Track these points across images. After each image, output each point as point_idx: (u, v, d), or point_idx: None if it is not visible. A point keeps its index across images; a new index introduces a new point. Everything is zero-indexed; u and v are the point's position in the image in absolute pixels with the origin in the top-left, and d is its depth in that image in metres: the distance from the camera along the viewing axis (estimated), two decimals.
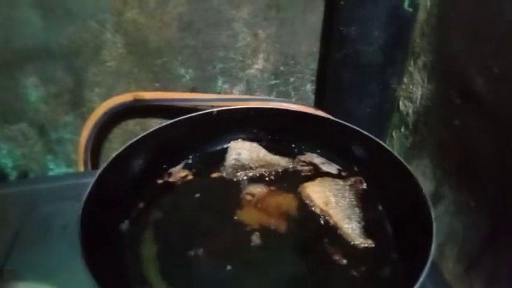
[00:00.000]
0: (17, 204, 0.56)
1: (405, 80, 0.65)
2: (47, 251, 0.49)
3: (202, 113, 0.57)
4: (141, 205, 0.50)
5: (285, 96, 0.74)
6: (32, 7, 0.58)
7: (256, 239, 0.46)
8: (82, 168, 0.67)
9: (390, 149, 0.52)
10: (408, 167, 0.48)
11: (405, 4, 0.55)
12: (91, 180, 0.45)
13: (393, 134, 0.71)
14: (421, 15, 0.59)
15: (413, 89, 0.64)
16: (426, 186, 0.62)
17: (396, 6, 0.55)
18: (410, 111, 0.65)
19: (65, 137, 0.72)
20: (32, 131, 0.70)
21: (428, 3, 0.57)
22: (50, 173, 0.75)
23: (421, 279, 0.34)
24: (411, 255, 0.41)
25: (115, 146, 0.74)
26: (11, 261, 0.48)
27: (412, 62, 0.63)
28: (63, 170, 0.75)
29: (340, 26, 0.58)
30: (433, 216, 0.41)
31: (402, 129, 0.68)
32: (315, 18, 0.66)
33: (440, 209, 0.60)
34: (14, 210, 0.55)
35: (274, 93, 0.73)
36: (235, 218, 0.48)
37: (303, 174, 0.55)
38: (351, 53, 0.59)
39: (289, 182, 0.53)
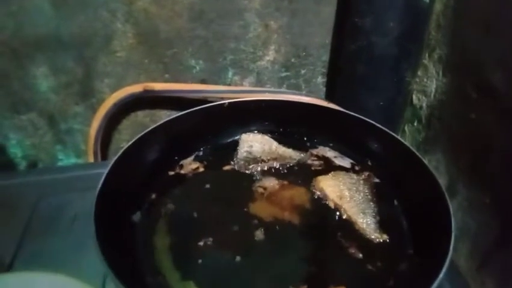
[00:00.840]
0: (26, 195, 0.56)
1: (419, 73, 0.64)
2: (56, 242, 0.49)
3: (213, 105, 0.56)
4: (153, 197, 0.49)
5: (296, 88, 0.73)
6: None
7: (268, 232, 0.45)
8: (91, 159, 0.67)
9: (405, 142, 0.51)
10: (424, 160, 0.47)
11: None
12: (101, 171, 0.44)
13: (406, 128, 0.70)
14: (437, 7, 0.58)
15: (428, 83, 0.63)
16: (440, 181, 0.61)
17: None
18: (424, 105, 0.64)
19: (74, 127, 0.71)
20: (41, 121, 0.69)
21: None
22: (59, 164, 0.75)
23: (440, 275, 0.33)
24: (428, 251, 0.40)
25: (125, 137, 0.73)
26: (20, 252, 0.48)
27: (427, 54, 0.62)
28: (72, 160, 0.75)
29: (354, 17, 0.57)
30: (451, 211, 0.40)
31: (415, 123, 0.67)
32: (328, 9, 0.65)
33: (453, 204, 0.58)
34: (23, 201, 0.55)
35: (284, 85, 0.73)
36: (248, 210, 0.48)
37: (315, 167, 0.54)
38: (365, 45, 0.58)
39: (301, 175, 0.53)
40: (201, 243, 0.44)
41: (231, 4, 0.62)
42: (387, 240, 0.44)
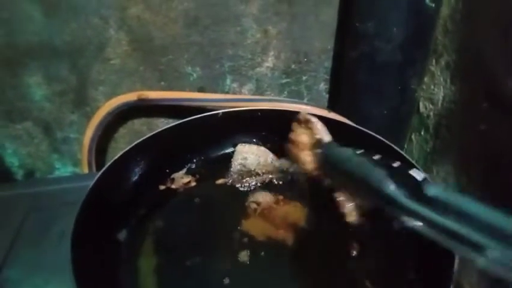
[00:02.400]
0: (18, 206, 0.54)
1: (426, 80, 0.60)
2: (43, 257, 0.47)
3: (206, 115, 0.54)
4: (142, 212, 0.47)
5: (297, 95, 0.70)
6: (33, 3, 0.56)
7: (260, 252, 0.43)
8: (86, 169, 0.66)
9: (405, 155, 0.48)
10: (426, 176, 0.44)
11: None
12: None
13: (413, 137, 0.66)
14: (444, 11, 0.54)
15: (435, 90, 0.59)
16: None
17: (417, 1, 0.50)
18: (431, 113, 0.61)
19: (70, 136, 0.70)
20: (37, 130, 0.68)
21: None
22: (57, 172, 0.74)
23: None
24: (430, 276, 0.37)
25: (121, 145, 0.72)
26: (7, 266, 0.46)
27: (434, 61, 0.58)
28: (69, 169, 0.74)
29: (356, 21, 0.54)
30: None
31: (422, 133, 0.64)
32: (329, 13, 0.62)
33: None
34: (15, 212, 0.54)
35: (285, 92, 0.70)
36: (239, 228, 0.46)
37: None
38: (368, 51, 0.55)
39: (298, 190, 0.50)
40: (188, 263, 0.41)
41: (227, 10, 0.60)
42: (389, 265, 0.41)
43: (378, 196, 0.35)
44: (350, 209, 0.42)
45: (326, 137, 0.45)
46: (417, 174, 0.34)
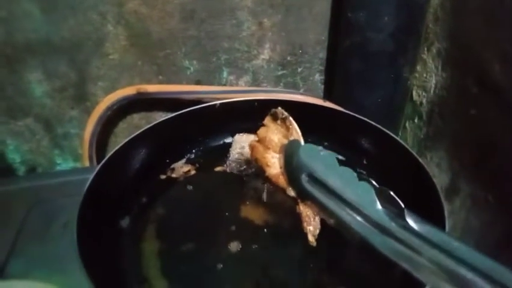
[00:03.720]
0: (21, 200, 0.55)
1: (418, 68, 0.62)
2: (47, 249, 0.48)
3: (204, 106, 0.55)
4: (143, 201, 0.49)
5: (293, 87, 0.72)
6: (31, 1, 0.57)
7: (260, 236, 0.44)
8: (87, 163, 0.67)
9: (401, 141, 0.49)
10: (422, 161, 0.45)
11: None
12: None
13: (407, 124, 0.68)
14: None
15: (427, 78, 0.60)
16: (442, 178, 0.59)
17: None
18: (424, 101, 0.62)
19: (71, 131, 0.71)
20: (38, 126, 0.69)
21: None
22: (58, 168, 0.75)
23: None
24: None
25: (121, 139, 0.71)
26: (13, 259, 0.48)
27: (425, 49, 0.60)
28: (70, 164, 0.75)
29: (348, 11, 0.55)
30: (446, 216, 0.38)
31: (416, 120, 0.65)
32: (323, 5, 0.63)
33: (456, 203, 0.57)
34: (18, 206, 0.54)
35: (281, 84, 0.71)
36: (240, 214, 0.47)
37: None
38: (360, 40, 0.56)
39: None
40: (189, 249, 0.43)
41: (223, 3, 0.61)
42: None
43: (361, 212, 0.35)
44: (313, 227, 0.41)
45: (301, 140, 0.44)
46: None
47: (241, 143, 0.54)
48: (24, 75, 0.64)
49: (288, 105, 0.57)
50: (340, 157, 0.53)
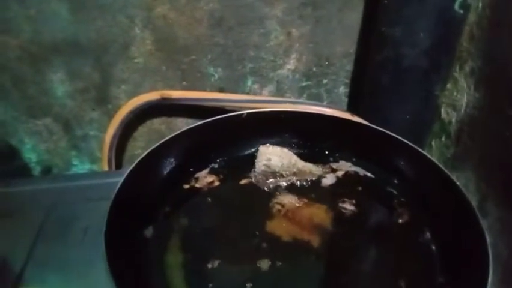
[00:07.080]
0: (38, 203, 0.54)
1: (448, 86, 0.60)
2: (67, 254, 0.47)
3: (231, 115, 0.54)
4: (166, 211, 0.47)
5: (317, 98, 0.70)
6: (61, 1, 0.57)
7: (285, 254, 0.42)
8: (105, 166, 0.66)
9: (434, 160, 0.48)
10: (457, 182, 0.44)
11: (456, 5, 0.51)
12: (114, 181, 0.43)
13: (433, 142, 0.66)
14: (471, 17, 0.54)
15: (458, 96, 0.59)
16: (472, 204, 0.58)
17: (445, 8, 0.51)
18: (453, 119, 0.61)
19: (90, 133, 0.70)
20: (57, 126, 0.69)
21: (480, 4, 0.53)
22: (74, 169, 0.74)
23: None
24: (461, 280, 0.37)
25: (140, 144, 0.72)
26: (31, 261, 0.46)
27: (458, 67, 0.58)
28: (87, 166, 0.74)
29: (382, 26, 0.54)
30: (487, 238, 0.37)
31: (443, 139, 0.64)
32: (353, 17, 0.62)
33: (483, 226, 0.55)
34: (35, 209, 0.53)
35: (305, 94, 0.70)
36: (264, 229, 0.45)
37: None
38: (393, 55, 0.55)
39: (322, 192, 0.50)
40: (213, 265, 0.41)
41: (252, 11, 0.60)
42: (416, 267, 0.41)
43: None
44: None
45: None
46: None
47: (267, 155, 0.53)
48: (48, 75, 0.63)
49: (315, 118, 0.57)
50: (369, 174, 0.52)
